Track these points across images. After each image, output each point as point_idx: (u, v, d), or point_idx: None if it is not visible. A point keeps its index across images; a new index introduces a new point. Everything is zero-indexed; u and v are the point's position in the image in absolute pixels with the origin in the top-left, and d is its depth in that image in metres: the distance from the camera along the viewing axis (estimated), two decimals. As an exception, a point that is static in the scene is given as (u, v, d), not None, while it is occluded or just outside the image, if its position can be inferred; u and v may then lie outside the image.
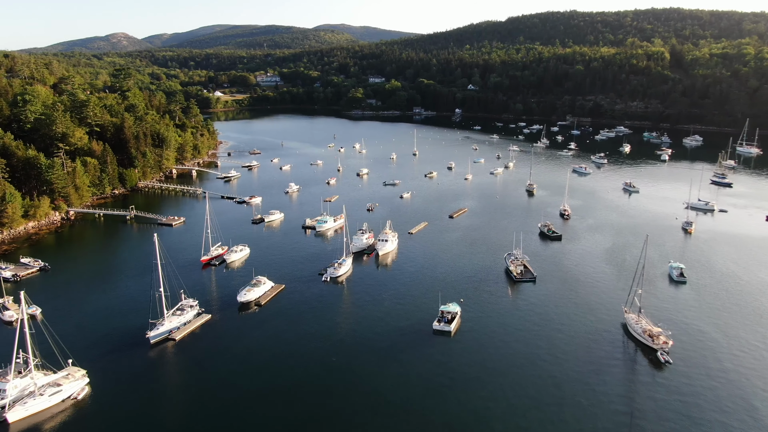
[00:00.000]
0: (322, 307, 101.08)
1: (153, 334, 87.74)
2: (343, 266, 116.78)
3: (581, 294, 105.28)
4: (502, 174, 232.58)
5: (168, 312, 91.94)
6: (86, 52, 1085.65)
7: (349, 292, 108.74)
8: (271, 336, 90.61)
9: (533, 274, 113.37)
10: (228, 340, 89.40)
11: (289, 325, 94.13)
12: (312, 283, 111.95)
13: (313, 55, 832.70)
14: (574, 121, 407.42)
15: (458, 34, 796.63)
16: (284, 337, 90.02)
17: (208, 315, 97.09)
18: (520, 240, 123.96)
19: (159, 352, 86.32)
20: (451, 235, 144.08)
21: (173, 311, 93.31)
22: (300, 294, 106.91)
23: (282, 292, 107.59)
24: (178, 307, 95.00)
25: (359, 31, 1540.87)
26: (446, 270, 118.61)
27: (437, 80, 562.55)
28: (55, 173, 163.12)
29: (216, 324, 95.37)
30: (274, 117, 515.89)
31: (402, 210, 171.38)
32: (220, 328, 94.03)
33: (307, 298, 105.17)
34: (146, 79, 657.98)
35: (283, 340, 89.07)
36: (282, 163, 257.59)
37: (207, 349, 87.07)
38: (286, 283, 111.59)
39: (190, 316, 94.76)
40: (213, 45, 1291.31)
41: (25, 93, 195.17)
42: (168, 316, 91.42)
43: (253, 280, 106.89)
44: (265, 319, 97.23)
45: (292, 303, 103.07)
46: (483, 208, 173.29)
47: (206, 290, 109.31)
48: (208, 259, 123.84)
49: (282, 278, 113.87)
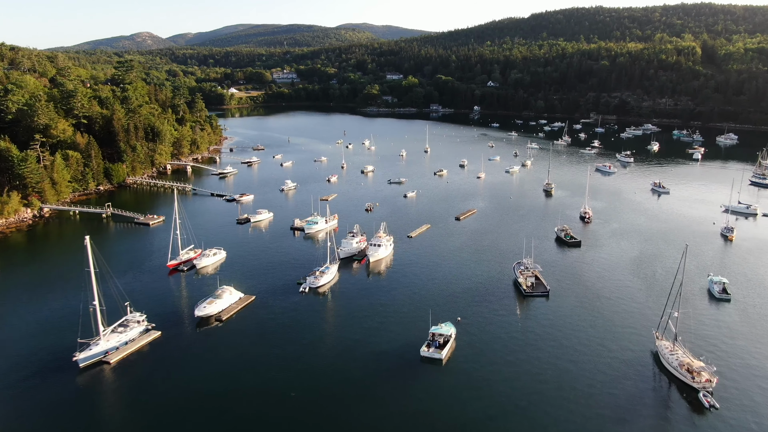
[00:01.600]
0: (293, 324, 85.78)
1: (82, 357, 73.31)
2: (325, 275, 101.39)
3: (603, 313, 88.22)
4: (518, 173, 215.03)
5: (106, 329, 77.48)
6: (109, 51, 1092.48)
7: (329, 306, 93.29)
8: (226, 360, 75.55)
9: (546, 287, 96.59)
10: (173, 364, 74.59)
11: (250, 347, 79.01)
12: (288, 295, 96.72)
13: (331, 52, 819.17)
14: (598, 119, 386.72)
15: (479, 31, 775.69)
16: (241, 362, 74.91)
17: (158, 332, 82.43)
18: (532, 246, 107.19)
19: (88, 379, 71.76)
20: (456, 240, 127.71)
21: (113, 328, 78.82)
22: (271, 308, 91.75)
23: (250, 305, 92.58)
24: (121, 323, 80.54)
25: (381, 30, 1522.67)
26: (445, 281, 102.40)
27: (456, 77, 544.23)
28: (28, 167, 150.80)
29: (165, 343, 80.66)
30: (288, 114, 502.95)
31: (404, 211, 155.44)
32: (169, 348, 79.29)
33: (279, 312, 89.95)
34: (162, 76, 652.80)
35: (239, 366, 73.96)
36: (284, 159, 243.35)
37: (146, 375, 72.38)
38: (258, 294, 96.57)
39: (135, 333, 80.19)
40: (234, 44, 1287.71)
41: (9, 83, 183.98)
42: (105, 334, 76.95)
43: (218, 291, 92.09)
44: (224, 337, 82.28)
45: (259, 319, 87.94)
46: (494, 210, 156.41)
47: (165, 301, 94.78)
48: (175, 264, 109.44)
49: (254, 288, 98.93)
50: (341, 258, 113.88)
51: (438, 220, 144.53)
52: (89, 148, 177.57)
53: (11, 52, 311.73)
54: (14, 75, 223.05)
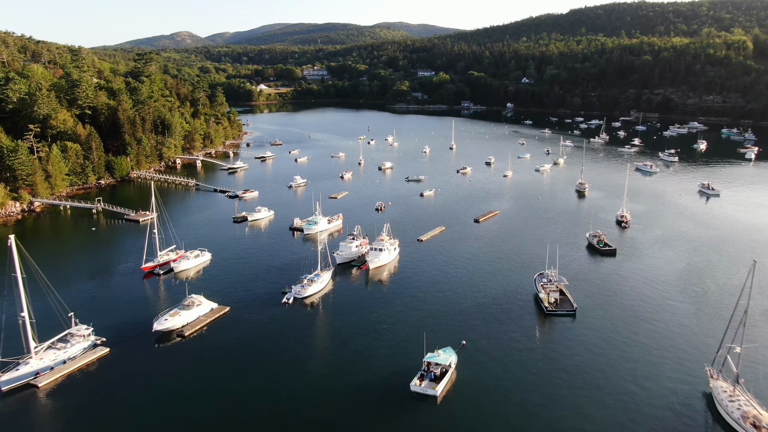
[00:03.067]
0: (266, 344, 72.45)
1: (4, 379, 61.49)
2: (315, 284, 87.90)
3: (642, 341, 72.19)
4: (549, 171, 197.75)
5: (40, 345, 65.61)
6: (146, 48, 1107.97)
7: (313, 322, 79.70)
8: (181, 384, 62.71)
9: (572, 305, 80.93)
10: (116, 388, 62.13)
11: (210, 370, 66.01)
12: (268, 306, 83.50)
13: (363, 49, 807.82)
14: (639, 117, 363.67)
15: (515, 28, 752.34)
16: (196, 388, 62.00)
17: (106, 348, 70.16)
18: (557, 255, 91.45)
19: (9, 406, 59.84)
20: (472, 245, 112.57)
21: (49, 344, 66.92)
22: (245, 322, 78.65)
23: (222, 318, 79.73)
24: (61, 338, 68.58)
25: (417, 29, 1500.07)
26: (453, 294, 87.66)
27: (489, 73, 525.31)
28: (18, 158, 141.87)
29: (113, 362, 68.31)
30: (316, 110, 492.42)
31: (418, 211, 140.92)
32: (116, 368, 66.88)
33: (253, 328, 76.77)
34: (194, 72, 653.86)
35: (194, 392, 61.07)
36: (301, 155, 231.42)
37: (81, 401, 60.15)
38: (234, 304, 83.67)
39: (77, 350, 68.10)
40: (270, 42, 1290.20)
41: (9, 70, 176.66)
42: (39, 352, 65.08)
43: (185, 300, 79.53)
44: (183, 357, 69.53)
45: (229, 335, 74.92)
46: (519, 211, 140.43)
47: (127, 311, 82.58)
48: (151, 267, 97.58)
49: (231, 297, 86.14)
50: (338, 263, 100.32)
51: (454, 221, 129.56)
52: (90, 139, 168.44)
53: (36, 46, 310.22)
54: (16, 64, 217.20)
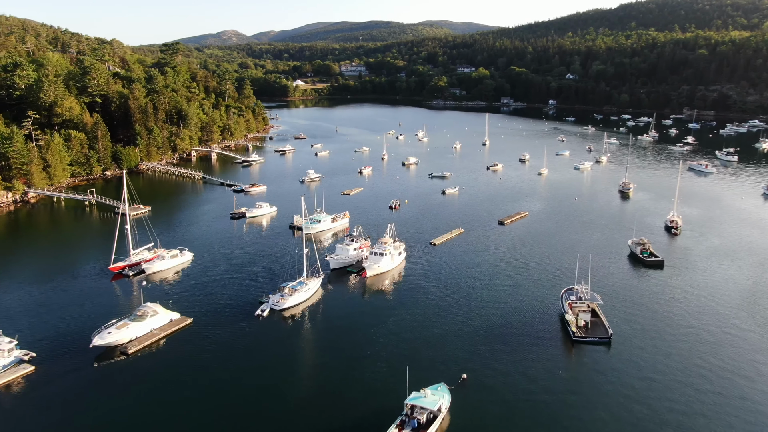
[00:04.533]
0: (223, 367, 59.46)
1: None
2: (297, 293, 74.59)
3: (697, 383, 55.91)
4: (590, 170, 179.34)
5: (-56, 362, 54.42)
6: (190, 46, 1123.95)
7: (286, 342, 66.30)
8: (109, 416, 50.32)
9: (607, 330, 65.08)
10: (34, 415, 50.21)
11: (153, 396, 53.43)
12: (238, 319, 70.60)
13: (403, 45, 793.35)
14: (692, 114, 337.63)
15: (561, 23, 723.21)
16: (130, 419, 49.50)
17: (31, 367, 58.51)
18: (590, 266, 75.39)
19: None
20: (491, 251, 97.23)
21: (-42, 360, 55.69)
22: (206, 338, 65.94)
23: (181, 332, 67.26)
24: (-26, 353, 57.30)
25: (461, 27, 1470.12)
26: (461, 312, 72.82)
27: (531, 69, 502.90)
28: (12, 146, 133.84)
29: (37, 383, 56.57)
30: (352, 106, 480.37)
31: (437, 210, 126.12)
32: (38, 391, 55.12)
33: (211, 346, 63.95)
34: (232, 67, 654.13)
35: (125, 426, 48.74)
36: (323, 149, 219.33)
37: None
38: (199, 315, 71.11)
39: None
40: (312, 40, 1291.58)
41: (18, 57, 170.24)
42: (-59, 370, 53.88)
43: (139, 310, 67.32)
44: (123, 380, 57.24)
45: (182, 354, 62.36)
46: (550, 213, 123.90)
47: (73, 320, 70.91)
48: (120, 268, 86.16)
49: (198, 307, 73.69)
50: (333, 269, 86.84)
51: (476, 223, 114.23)
52: (96, 128, 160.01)
53: (68, 37, 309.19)
54: (40, 54, 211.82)
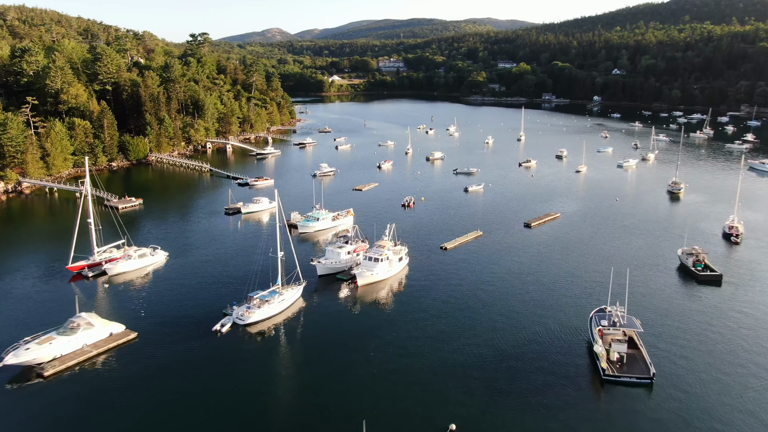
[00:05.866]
0: (153, 398, 47.61)
1: None
2: (268, 305, 62.40)
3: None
4: (635, 168, 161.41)
5: None
6: (233, 44, 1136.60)
7: (239, 367, 53.88)
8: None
9: (648, 367, 50.27)
10: None
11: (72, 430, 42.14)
12: (193, 335, 58.82)
13: (443, 41, 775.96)
14: (752, 111, 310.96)
15: (608, 18, 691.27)
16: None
17: (-77, 390, 48.04)
18: (628, 280, 60.41)
19: None
20: (511, 259, 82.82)
21: None
22: (149, 357, 54.36)
23: (120, 349, 55.88)
24: None
25: (505, 24, 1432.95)
26: (465, 334, 59.12)
27: (575, 64, 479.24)
28: (6, 133, 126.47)
29: None
30: (388, 101, 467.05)
31: (456, 209, 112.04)
32: None
33: (152, 367, 52.27)
34: (270, 63, 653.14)
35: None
36: (346, 142, 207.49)
37: None
38: (147, 328, 59.69)
39: None
40: (354, 38, 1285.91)
41: (29, 44, 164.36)
42: None
43: (72, 322, 56.26)
44: (28, 410, 46.05)
45: (110, 379, 50.88)
46: (586, 216, 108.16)
47: (2, 331, 60.60)
48: (79, 268, 75.81)
49: (152, 318, 62.35)
50: (321, 275, 74.32)
51: (497, 225, 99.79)
52: (102, 116, 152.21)
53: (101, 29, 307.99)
54: (39, 40, 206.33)
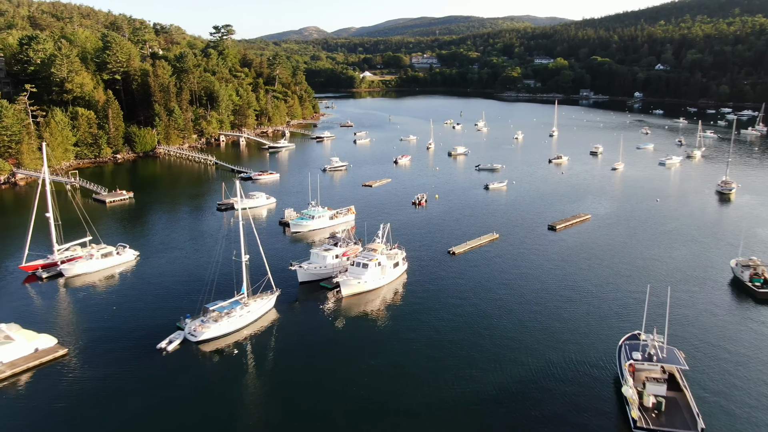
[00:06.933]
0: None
1: None
2: (228, 318, 52.44)
3: None
4: (678, 166, 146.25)
5: None
6: (268, 41, 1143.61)
7: (179, 393, 43.93)
8: None
9: (695, 417, 38.11)
10: None
11: None
12: (135, 353, 49.25)
13: (478, 38, 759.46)
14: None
15: (652, 12, 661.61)
16: None
17: None
18: (669, 299, 48.07)
19: None
20: (529, 267, 70.86)
21: None
22: (70, 380, 44.95)
23: (42, 369, 46.64)
24: None
25: (544, 22, 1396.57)
26: (461, 365, 47.95)
27: (616, 59, 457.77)
28: (2, 123, 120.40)
29: None
30: (419, 98, 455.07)
31: (474, 208, 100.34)
32: None
33: (70, 395, 42.75)
34: (302, 59, 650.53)
35: None
36: (367, 137, 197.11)
37: None
38: (82, 343, 50.42)
39: None
40: (390, 35, 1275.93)
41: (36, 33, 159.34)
42: None
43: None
44: None
45: (21, 406, 41.55)
46: (620, 218, 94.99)
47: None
48: (34, 267, 67.46)
49: (92, 331, 53.15)
50: (302, 282, 64.08)
51: (518, 227, 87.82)
52: (107, 106, 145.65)
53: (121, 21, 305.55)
54: (60, 31, 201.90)
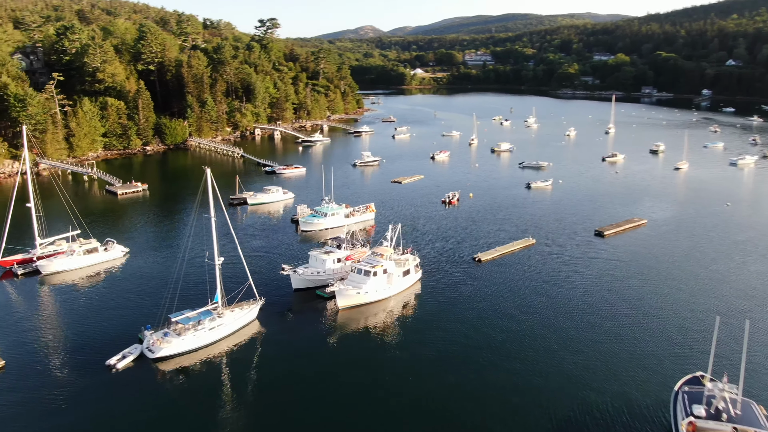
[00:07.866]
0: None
1: None
2: (194, 332, 44.48)
3: None
4: (752, 167, 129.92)
5: None
6: (323, 39, 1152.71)
7: (121, 423, 36.05)
8: None
9: None
10: None
11: None
12: (83, 370, 41.96)
13: (535, 34, 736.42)
14: None
15: (723, 6, 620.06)
16: None
17: None
18: (746, 334, 36.52)
19: None
20: (567, 281, 59.84)
21: None
22: (4, 399, 37.99)
23: (-34, 385, 39.88)
24: None
25: (605, 19, 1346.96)
26: (473, 411, 38.14)
27: (682, 55, 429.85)
28: (26, 111, 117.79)
29: None
30: (471, 95, 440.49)
31: (511, 210, 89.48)
32: None
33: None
34: (354, 56, 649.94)
35: None
36: (407, 132, 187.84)
37: None
38: (24, 355, 43.51)
39: None
40: (445, 34, 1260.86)
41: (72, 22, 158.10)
42: None
43: None
44: None
45: None
46: (681, 225, 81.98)
47: None
48: (11, 263, 61.74)
49: (42, 341, 46.41)
50: (297, 289, 55.58)
51: (559, 232, 76.52)
52: (137, 96, 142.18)
53: (169, 16, 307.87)
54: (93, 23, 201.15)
